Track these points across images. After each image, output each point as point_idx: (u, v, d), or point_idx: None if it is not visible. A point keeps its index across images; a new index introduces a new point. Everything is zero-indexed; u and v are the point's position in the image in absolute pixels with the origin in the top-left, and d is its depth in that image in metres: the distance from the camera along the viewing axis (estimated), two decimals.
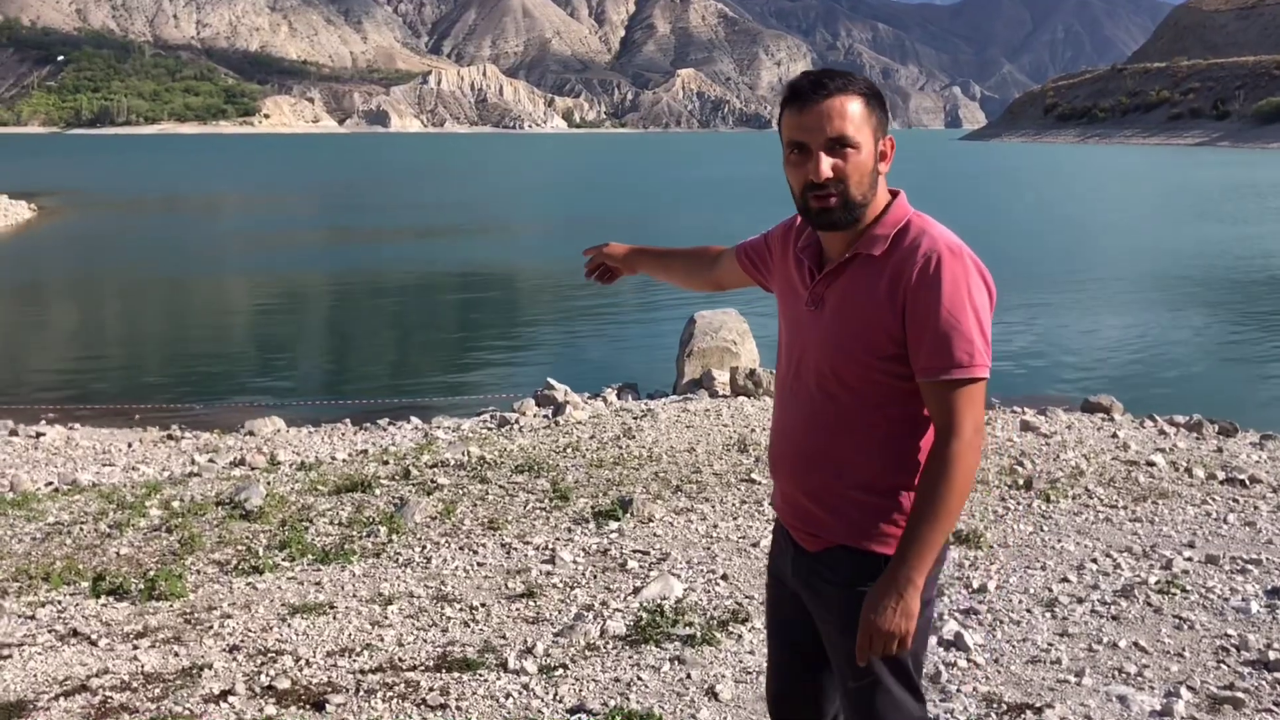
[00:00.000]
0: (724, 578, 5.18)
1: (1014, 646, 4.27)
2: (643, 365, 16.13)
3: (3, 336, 23.23)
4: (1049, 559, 5.43)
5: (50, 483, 8.70)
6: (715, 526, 6.09)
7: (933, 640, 4.15)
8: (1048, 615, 4.62)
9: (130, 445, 12.22)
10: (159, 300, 28.50)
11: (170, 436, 13.40)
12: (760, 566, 5.37)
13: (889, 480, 2.13)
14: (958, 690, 3.86)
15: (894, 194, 2.17)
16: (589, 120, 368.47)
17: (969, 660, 4.08)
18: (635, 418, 9.58)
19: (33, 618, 4.69)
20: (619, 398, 12.02)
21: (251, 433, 12.57)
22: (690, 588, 5.04)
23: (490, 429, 10.18)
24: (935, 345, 2.00)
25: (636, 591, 4.96)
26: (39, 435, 13.83)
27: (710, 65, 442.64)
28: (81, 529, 6.47)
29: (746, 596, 4.91)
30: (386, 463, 8.21)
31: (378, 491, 7.16)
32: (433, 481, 7.36)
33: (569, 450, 8.07)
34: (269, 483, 7.61)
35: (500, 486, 7.13)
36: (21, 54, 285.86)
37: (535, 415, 11.00)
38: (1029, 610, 4.68)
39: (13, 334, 23.68)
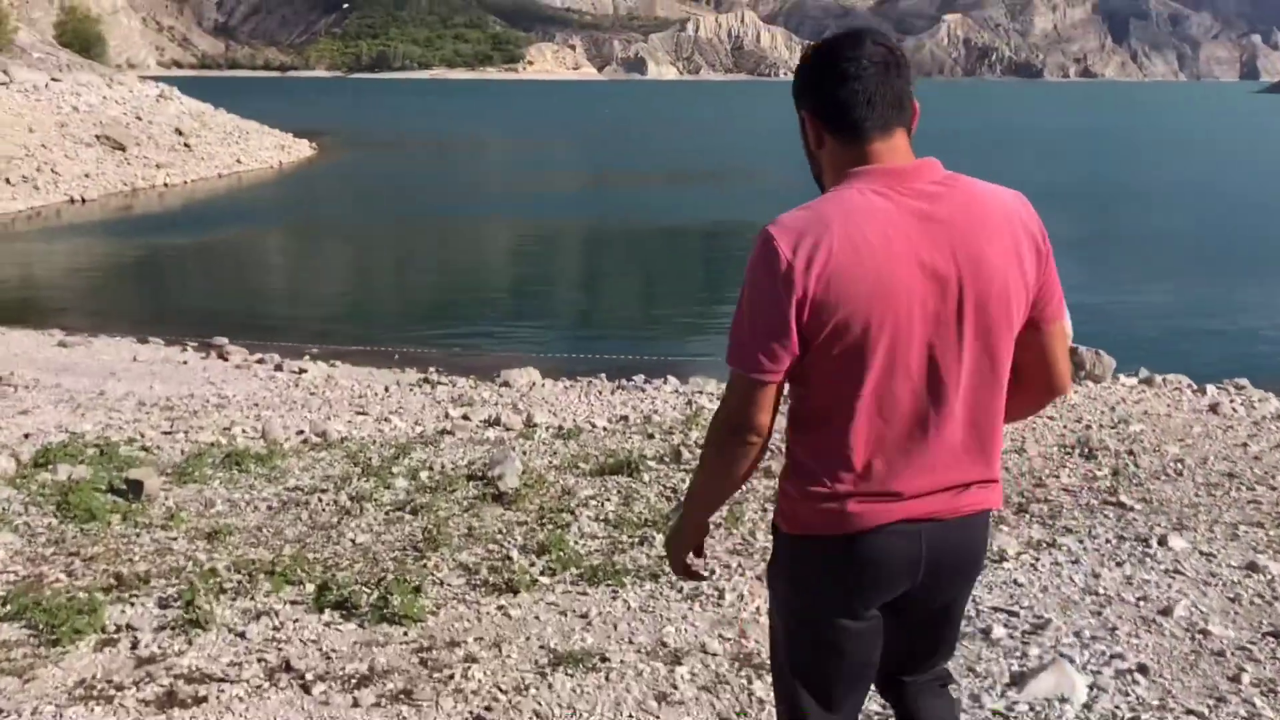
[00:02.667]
0: (1141, 670, 3.67)
1: None
2: None
3: (275, 271, 24.16)
4: None
5: (301, 431, 8.16)
6: (1096, 576, 4.54)
7: None
8: None
9: (387, 389, 11.81)
10: (423, 240, 29.02)
11: (426, 380, 12.99)
12: (1185, 649, 3.83)
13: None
14: None
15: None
16: None
17: None
18: None
19: (244, 635, 3.83)
20: None
21: (507, 384, 11.89)
22: (1096, 684, 3.56)
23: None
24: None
25: (1016, 682, 3.54)
26: (301, 372, 13.80)
27: (979, 10, 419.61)
28: (320, 500, 5.70)
29: (1186, 711, 3.39)
30: (652, 436, 7.11)
31: (646, 478, 6.05)
32: None
33: None
34: (525, 453, 6.68)
35: None
36: (311, 2, 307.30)
37: None
38: None
39: (284, 269, 24.62)
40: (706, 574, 2.34)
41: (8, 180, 32.23)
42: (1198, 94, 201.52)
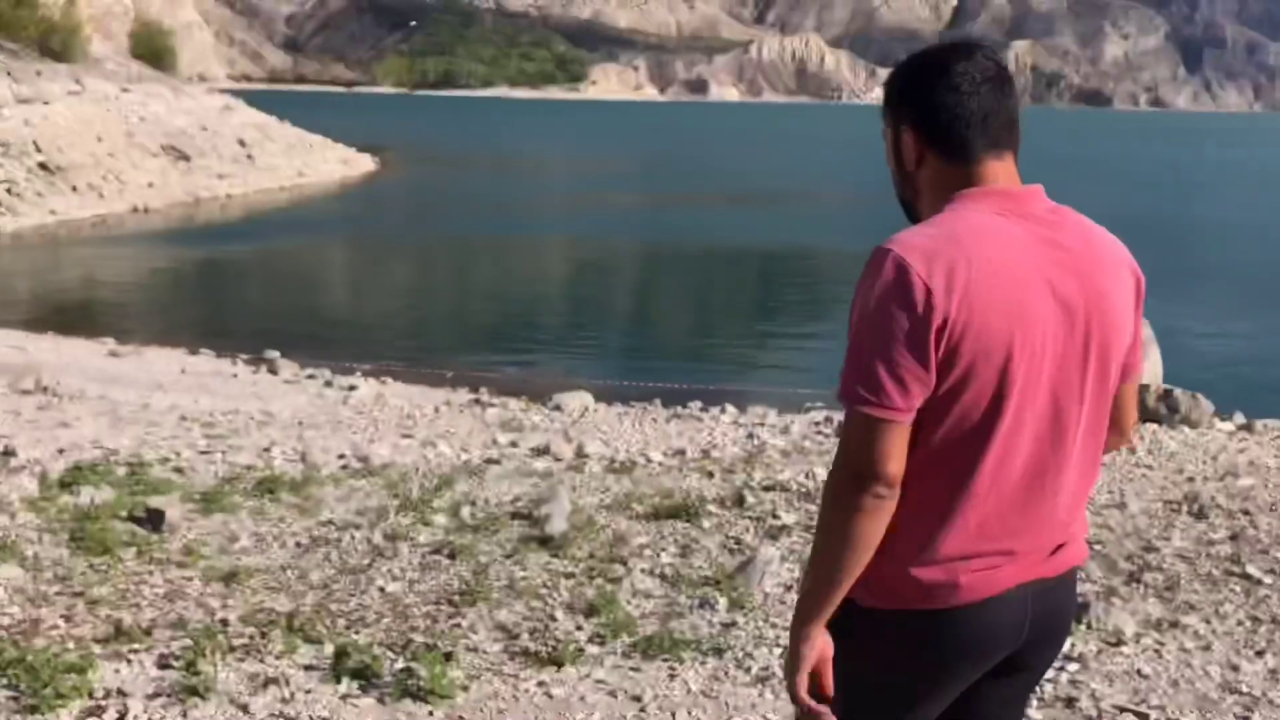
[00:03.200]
0: None
1: None
2: None
3: (331, 286, 24.06)
4: None
5: (342, 455, 7.74)
6: (1234, 669, 3.90)
7: None
8: None
9: (436, 409, 11.41)
10: (480, 257, 28.83)
11: (477, 401, 12.60)
12: None
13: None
14: None
15: None
16: None
17: None
18: None
19: (246, 708, 3.35)
20: None
21: (559, 407, 11.43)
22: None
23: (826, 435, 8.32)
24: None
25: None
26: (351, 389, 13.46)
27: (1049, 38, 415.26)
28: (352, 538, 5.23)
29: None
30: (711, 474, 6.56)
31: (706, 525, 5.50)
32: (775, 518, 5.60)
33: None
34: (574, 489, 6.17)
35: None
36: (379, 19, 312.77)
37: None
38: None
39: (340, 284, 24.51)
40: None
41: (74, 188, 32.68)
42: (1276, 125, 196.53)
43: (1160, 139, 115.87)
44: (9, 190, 30.16)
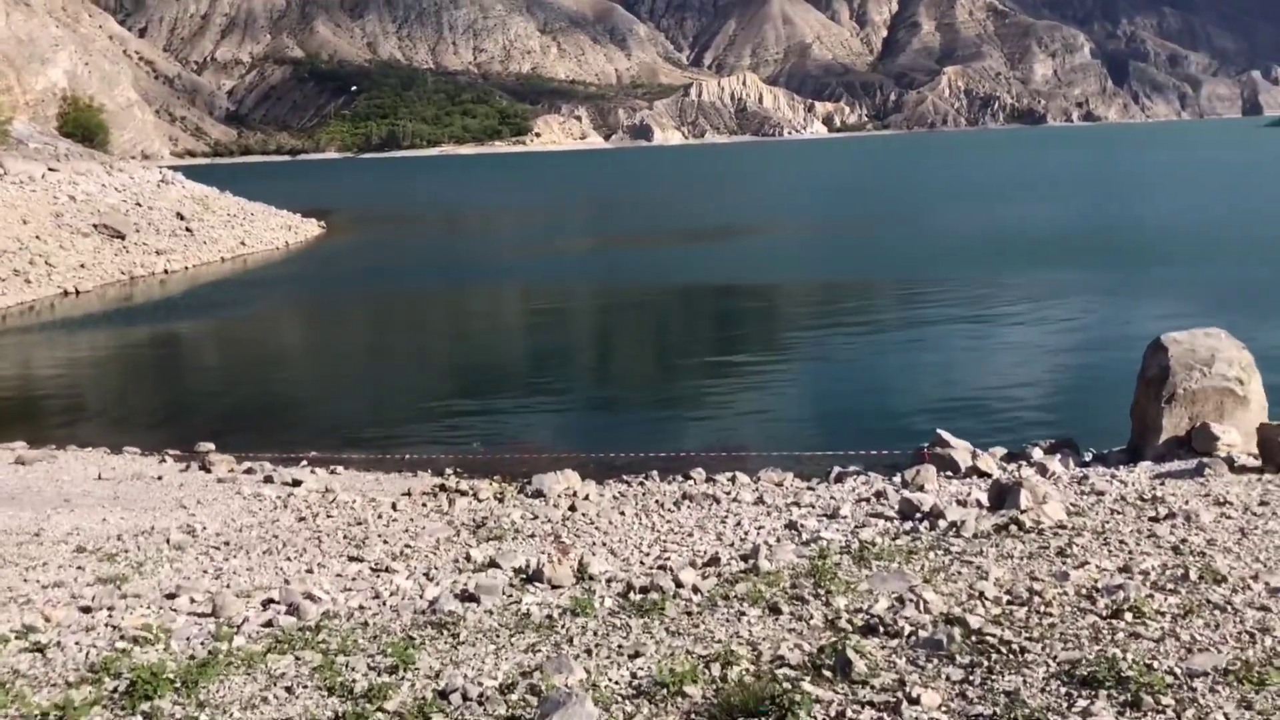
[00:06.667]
0: None
1: None
2: (1069, 407, 11.99)
3: (274, 362, 22.06)
4: None
5: (268, 601, 5.93)
6: None
7: None
8: None
9: (395, 506, 9.62)
10: (434, 315, 27.02)
11: (443, 488, 10.82)
12: None
13: None
14: None
15: None
16: (850, 124, 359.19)
17: None
18: (1157, 517, 5.77)
19: None
20: (1062, 462, 8.14)
21: (541, 493, 9.68)
22: None
23: (894, 522, 6.61)
24: None
25: None
26: (295, 484, 11.61)
27: (978, 61, 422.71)
28: None
29: None
30: (776, 609, 4.57)
31: None
32: (912, 700, 3.75)
33: (1115, 612, 4.36)
34: (589, 650, 4.34)
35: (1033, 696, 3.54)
36: (320, 86, 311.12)
37: (947, 492, 7.34)
38: None
39: (284, 359, 22.53)
40: None
41: None
42: (1216, 131, 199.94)
43: (1101, 148, 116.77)
44: None
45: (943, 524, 6.14)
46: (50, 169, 40.19)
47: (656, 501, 8.60)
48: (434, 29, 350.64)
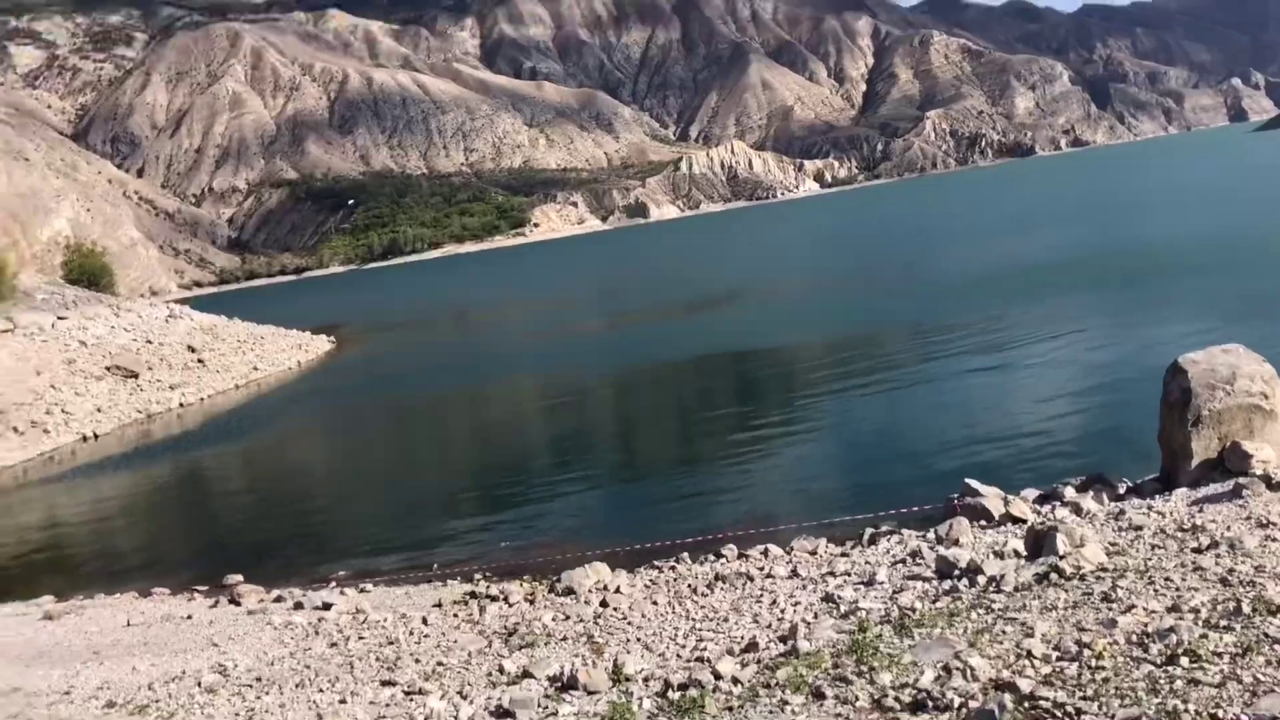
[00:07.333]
0: None
1: None
2: (1096, 438, 11.78)
3: (296, 486, 21.99)
4: None
5: None
6: None
7: None
8: None
9: (425, 620, 9.48)
10: (449, 420, 27.00)
11: (473, 595, 10.65)
12: None
13: None
14: None
15: None
16: (841, 178, 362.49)
17: None
18: (1200, 548, 5.59)
19: None
20: (1096, 499, 7.96)
21: (571, 590, 9.52)
22: None
23: (932, 583, 6.44)
24: None
25: None
26: (326, 607, 11.48)
27: (960, 102, 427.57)
28: None
29: None
30: (819, 694, 4.51)
31: None
32: None
33: (1173, 669, 4.19)
34: None
35: None
36: (318, 204, 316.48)
37: (983, 544, 7.16)
38: None
39: (306, 481, 22.46)
40: None
41: (16, 429, 30.74)
42: (1205, 141, 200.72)
43: (1101, 172, 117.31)
44: None
45: (982, 580, 5.97)
46: (60, 317, 40.74)
47: (689, 586, 8.43)
48: (423, 135, 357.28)
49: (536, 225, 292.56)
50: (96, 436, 31.27)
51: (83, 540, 19.03)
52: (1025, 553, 6.50)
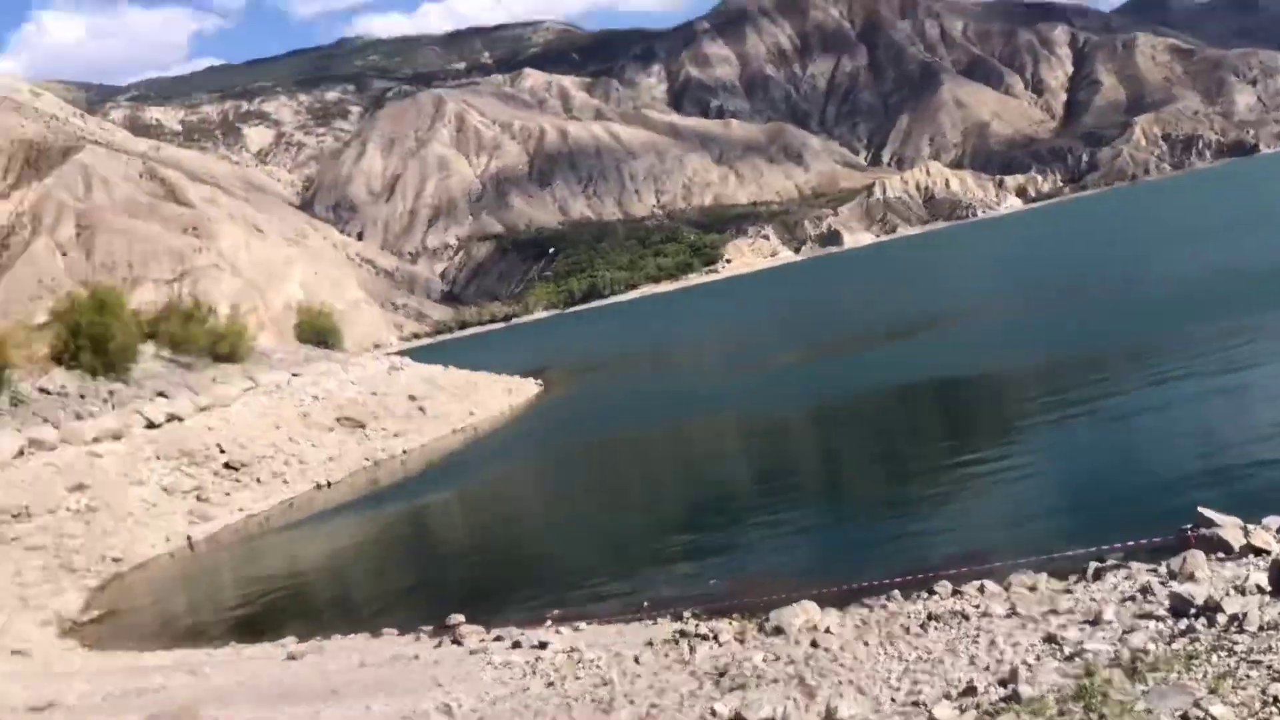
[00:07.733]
0: None
1: None
2: None
3: (514, 525, 22.83)
4: None
5: None
6: None
7: None
8: None
9: (637, 659, 9.63)
10: (655, 455, 27.39)
11: (683, 633, 10.76)
12: None
13: None
14: None
15: None
16: (1045, 192, 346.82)
17: None
18: None
19: None
20: None
21: (780, 630, 9.46)
22: None
23: (1165, 622, 6.05)
24: None
25: None
26: (542, 646, 11.86)
27: (1171, 104, 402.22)
28: None
29: None
30: None
31: None
32: None
33: None
34: None
35: None
36: (522, 254, 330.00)
37: (1221, 579, 6.66)
38: None
39: (524, 520, 23.28)
40: None
41: (259, 479, 33.28)
42: None
43: None
44: (198, 497, 30.85)
45: (1221, 618, 5.56)
46: (294, 374, 43.94)
47: (901, 625, 8.22)
48: (616, 182, 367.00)
49: (729, 260, 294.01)
50: (330, 484, 33.43)
51: (320, 582, 20.39)
52: (1270, 588, 6.01)
